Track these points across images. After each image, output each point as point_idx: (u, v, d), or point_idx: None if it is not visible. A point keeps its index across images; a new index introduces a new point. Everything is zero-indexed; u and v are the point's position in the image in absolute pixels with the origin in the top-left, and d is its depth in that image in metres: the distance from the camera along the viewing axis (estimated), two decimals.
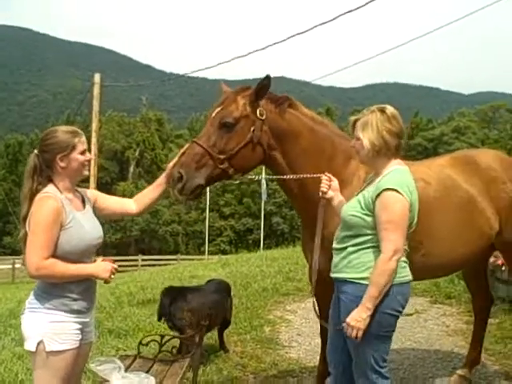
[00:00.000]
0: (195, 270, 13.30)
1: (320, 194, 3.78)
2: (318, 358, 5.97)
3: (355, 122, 3.48)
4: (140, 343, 4.43)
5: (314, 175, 3.91)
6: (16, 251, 48.71)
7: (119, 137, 72.50)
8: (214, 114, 3.93)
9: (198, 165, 3.78)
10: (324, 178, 3.81)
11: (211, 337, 6.52)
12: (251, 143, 3.86)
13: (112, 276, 3.35)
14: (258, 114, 3.88)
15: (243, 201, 63.24)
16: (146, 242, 63.61)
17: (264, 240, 44.69)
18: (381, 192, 3.24)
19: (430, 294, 8.75)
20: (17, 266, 30.57)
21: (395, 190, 3.22)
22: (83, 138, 3.41)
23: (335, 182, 3.81)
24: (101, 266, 3.32)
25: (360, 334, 3.22)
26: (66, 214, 3.21)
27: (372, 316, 3.24)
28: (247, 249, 28.96)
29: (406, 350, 6.26)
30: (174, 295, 5.43)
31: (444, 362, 5.93)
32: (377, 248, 3.27)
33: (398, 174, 3.35)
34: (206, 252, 45.50)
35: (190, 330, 4.92)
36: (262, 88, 3.89)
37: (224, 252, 49.15)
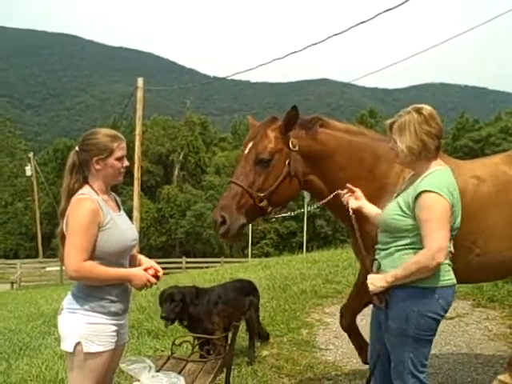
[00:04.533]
0: (236, 272, 13.34)
1: (346, 206, 3.74)
2: (354, 361, 5.97)
3: (391, 125, 3.40)
4: (173, 344, 4.46)
5: (333, 193, 3.88)
6: None
7: (164, 140, 73.34)
8: (246, 151, 3.92)
9: (238, 205, 3.79)
10: (342, 192, 3.78)
11: (247, 338, 6.53)
12: (288, 177, 3.86)
13: (154, 280, 3.38)
14: (291, 146, 3.86)
15: (287, 204, 63.14)
16: (190, 244, 64.12)
17: (307, 243, 44.49)
18: (419, 194, 3.18)
19: (473, 297, 8.54)
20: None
21: (435, 192, 3.15)
22: (123, 144, 3.40)
23: (358, 192, 3.76)
24: (138, 275, 3.34)
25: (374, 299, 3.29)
26: (103, 215, 3.25)
27: (411, 318, 3.21)
28: (290, 251, 28.84)
29: (445, 355, 6.13)
30: (188, 296, 5.11)
31: (485, 366, 5.77)
32: (420, 250, 3.20)
33: (438, 175, 3.27)
34: (249, 255, 45.57)
35: (219, 332, 4.91)
36: (290, 119, 3.89)
37: (267, 255, 49.13)
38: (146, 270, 3.40)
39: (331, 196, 3.93)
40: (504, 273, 4.94)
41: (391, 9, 11.34)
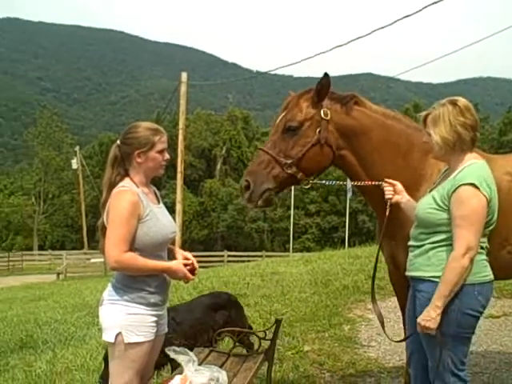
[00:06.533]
0: (277, 266, 13.30)
1: (386, 201, 3.72)
2: (397, 358, 5.89)
3: (426, 117, 3.35)
4: (214, 337, 4.46)
5: (374, 182, 3.84)
6: None
7: (206, 134, 73.83)
8: (278, 120, 3.91)
9: (264, 171, 3.79)
10: (384, 184, 3.74)
11: (289, 333, 6.51)
12: (318, 145, 3.82)
13: (191, 277, 3.42)
14: (323, 115, 3.82)
15: (328, 198, 62.81)
16: (232, 238, 64.45)
17: (349, 238, 44.17)
18: (458, 187, 3.11)
19: None
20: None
21: (473, 185, 3.08)
22: (164, 138, 3.42)
23: (398, 185, 3.72)
24: (177, 270, 3.36)
25: (432, 333, 3.11)
26: (143, 207, 3.27)
27: (451, 316, 3.14)
28: (332, 247, 28.69)
29: (491, 354, 5.99)
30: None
31: None
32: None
33: (475, 168, 3.20)
34: (291, 249, 45.54)
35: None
36: (322, 87, 3.83)
37: (308, 249, 49.03)
38: (185, 264, 3.42)
39: (371, 183, 3.87)
40: None
41: (437, 2, 11.12)
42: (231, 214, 63.98)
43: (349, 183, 4.56)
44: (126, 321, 3.25)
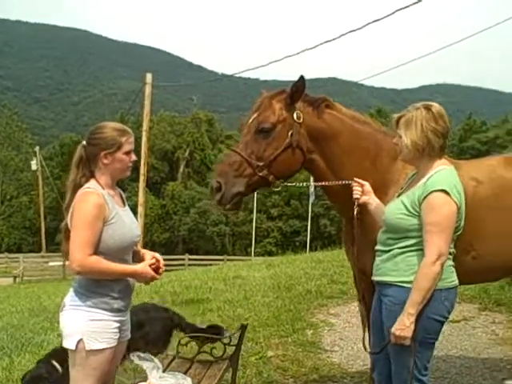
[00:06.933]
0: (240, 270, 13.28)
1: (354, 201, 3.72)
2: (360, 363, 5.91)
3: (399, 119, 3.36)
4: (179, 343, 4.41)
5: (343, 182, 3.84)
6: None
7: (170, 137, 73.32)
8: (250, 121, 3.88)
9: (236, 173, 3.74)
10: (354, 184, 3.75)
11: (252, 338, 6.48)
12: (290, 148, 3.80)
13: (158, 276, 3.38)
14: (295, 118, 3.81)
15: (291, 202, 63.03)
16: (193, 241, 64.14)
17: (311, 242, 44.43)
18: (429, 193, 3.13)
19: (479, 300, 8.46)
20: (68, 262, 31.10)
21: (444, 191, 3.11)
22: (131, 139, 3.36)
23: (367, 185, 3.73)
24: (143, 272, 3.31)
25: (408, 342, 3.13)
26: (109, 210, 3.21)
27: (417, 322, 3.13)
28: (294, 251, 28.81)
29: (452, 358, 6.07)
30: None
31: (493, 371, 5.71)
32: (423, 251, 3.16)
33: (445, 174, 3.23)
34: (253, 253, 45.53)
35: None
36: (296, 90, 3.82)
37: (270, 253, 49.05)
38: (150, 265, 3.36)
39: (340, 183, 3.87)
40: (500, 275, 4.90)
41: (404, 8, 11.27)
42: (193, 218, 63.67)
43: (311, 187, 4.56)
44: (88, 327, 3.18)
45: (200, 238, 63.38)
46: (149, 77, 21.76)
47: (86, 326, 3.18)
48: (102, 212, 3.16)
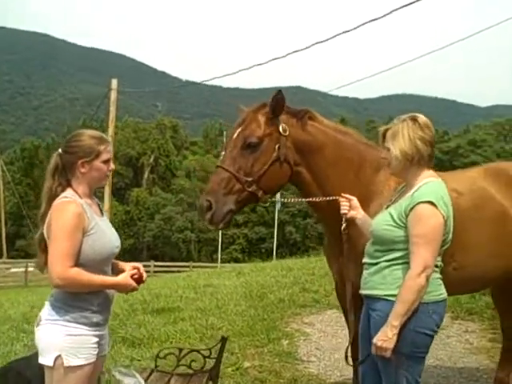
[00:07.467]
0: (210, 278, 13.13)
1: (342, 216, 3.67)
2: (338, 374, 5.84)
3: (385, 132, 3.32)
4: (157, 356, 4.27)
5: (331, 198, 3.79)
6: (29, 254, 48.91)
7: (134, 143, 72.88)
8: (235, 136, 3.80)
9: (225, 190, 3.67)
10: (341, 199, 3.70)
11: (228, 349, 6.35)
12: (278, 161, 3.75)
13: (138, 287, 3.27)
14: (281, 130, 3.76)
15: (256, 209, 63.08)
16: (158, 248, 63.65)
17: (277, 249, 44.47)
18: (416, 205, 3.08)
19: (451, 309, 8.49)
20: (30, 269, 30.51)
21: (431, 203, 3.07)
22: (109, 147, 3.26)
23: (354, 200, 3.68)
24: (125, 284, 3.20)
25: (389, 353, 3.05)
26: (88, 220, 3.09)
27: (406, 336, 3.07)
28: (260, 257, 28.77)
29: (429, 368, 6.02)
30: None
31: (469, 381, 5.72)
32: (410, 264, 3.10)
33: (433, 186, 3.20)
34: (219, 260, 45.35)
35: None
36: (277, 103, 3.77)
37: (236, 260, 49.03)
38: (131, 275, 3.24)
39: (328, 199, 3.81)
40: (480, 287, 5.00)
41: (372, 20, 11.36)
42: (158, 224, 63.26)
43: (278, 195, 4.51)
44: (66, 342, 3.04)
45: (165, 244, 62.98)
46: (114, 82, 21.53)
47: (64, 342, 3.03)
48: (81, 222, 3.04)
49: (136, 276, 3.27)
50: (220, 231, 49.36)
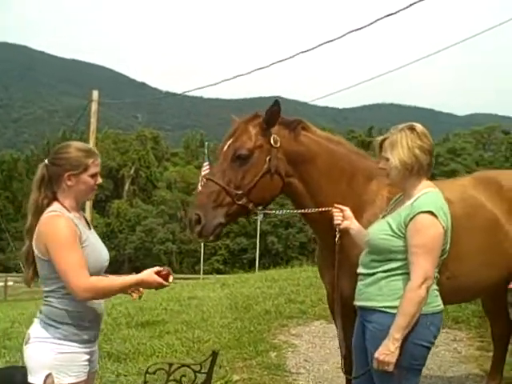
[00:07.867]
0: (194, 290, 12.99)
1: (335, 227, 3.63)
2: None
3: (382, 142, 3.29)
4: (147, 372, 4.16)
5: (324, 209, 3.76)
6: (8, 268, 48.31)
7: (114, 154, 72.55)
8: (225, 148, 3.75)
9: (215, 204, 3.61)
10: (334, 210, 3.65)
11: (216, 363, 6.25)
12: (268, 173, 3.70)
13: (166, 283, 3.10)
14: (273, 142, 3.71)
15: (238, 220, 63.03)
16: (139, 259, 63.23)
17: (259, 260, 44.42)
18: (416, 215, 3.05)
19: None
20: (9, 283, 30.12)
21: (431, 213, 3.03)
22: (98, 161, 3.18)
23: (348, 211, 3.63)
24: (149, 281, 3.05)
25: (391, 368, 2.99)
26: (80, 233, 3.02)
27: (404, 348, 3.02)
28: (242, 268, 28.69)
29: (420, 379, 6.00)
30: None
31: None
32: (409, 274, 3.06)
33: (432, 196, 3.16)
34: (201, 271, 45.17)
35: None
36: (272, 114, 3.73)
37: (218, 271, 48.87)
38: (157, 272, 3.10)
39: (320, 210, 3.78)
40: (472, 296, 5.04)
41: (355, 30, 11.42)
42: (139, 236, 62.95)
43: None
44: (57, 360, 2.95)
45: (146, 256, 62.64)
46: (95, 94, 21.49)
47: (55, 360, 2.95)
48: (76, 235, 2.98)
49: (164, 273, 3.12)
50: (202, 243, 49.33)
